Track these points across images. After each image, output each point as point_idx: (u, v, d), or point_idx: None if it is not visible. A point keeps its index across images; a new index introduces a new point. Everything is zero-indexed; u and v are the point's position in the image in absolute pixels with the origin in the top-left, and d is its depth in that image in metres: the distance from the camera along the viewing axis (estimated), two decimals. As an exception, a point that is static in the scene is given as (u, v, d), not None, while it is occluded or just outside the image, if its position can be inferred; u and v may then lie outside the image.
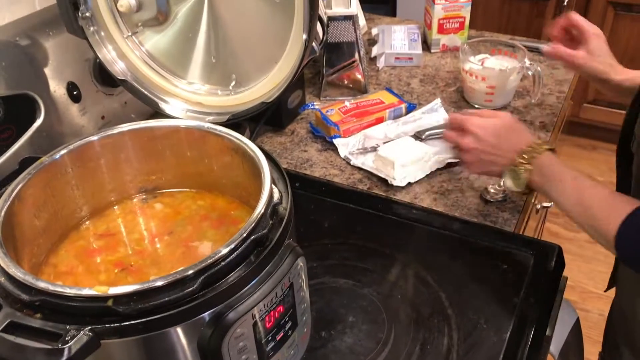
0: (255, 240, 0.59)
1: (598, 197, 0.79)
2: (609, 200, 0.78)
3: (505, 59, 1.25)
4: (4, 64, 0.79)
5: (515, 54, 1.24)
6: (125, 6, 0.75)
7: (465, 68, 1.20)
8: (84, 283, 0.66)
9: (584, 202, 0.79)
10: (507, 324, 0.80)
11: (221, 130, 0.71)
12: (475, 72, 1.19)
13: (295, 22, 0.70)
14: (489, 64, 1.23)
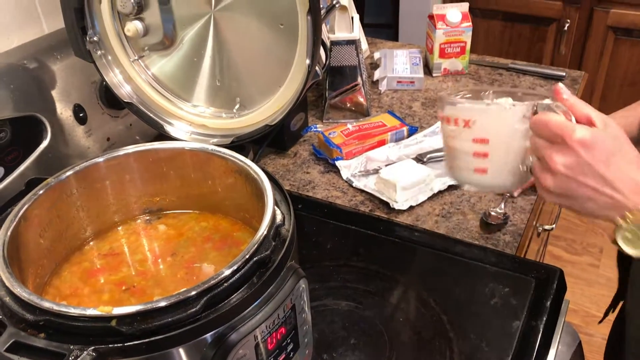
0: (258, 261, 0.59)
1: None
2: None
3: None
4: (12, 87, 0.81)
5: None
6: (133, 31, 0.77)
7: (444, 112, 0.72)
8: (86, 303, 0.67)
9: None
10: (509, 347, 0.80)
11: (225, 152, 0.72)
12: (456, 114, 0.70)
13: (299, 47, 0.71)
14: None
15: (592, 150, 0.62)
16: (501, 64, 1.47)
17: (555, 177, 0.65)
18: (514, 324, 0.83)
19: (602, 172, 0.63)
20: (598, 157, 0.62)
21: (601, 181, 0.63)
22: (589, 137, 0.62)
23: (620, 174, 0.63)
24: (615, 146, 0.63)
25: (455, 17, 1.36)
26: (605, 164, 0.62)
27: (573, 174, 0.63)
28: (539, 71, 1.41)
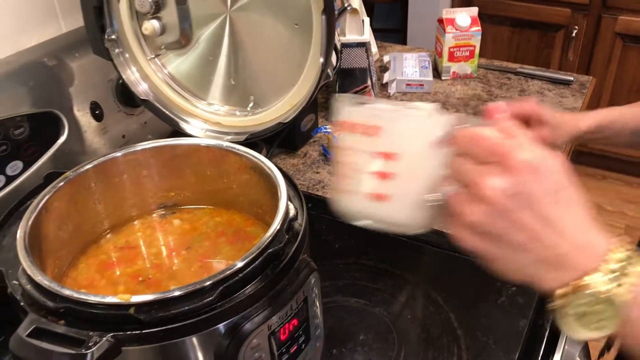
0: (272, 253, 0.61)
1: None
2: None
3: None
4: (32, 84, 0.83)
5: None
6: (150, 30, 0.79)
7: (344, 116, 0.57)
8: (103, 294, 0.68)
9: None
10: (516, 345, 0.81)
11: (240, 148, 0.74)
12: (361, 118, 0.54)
13: (312, 46, 0.73)
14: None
15: (540, 177, 0.45)
16: (510, 68, 1.48)
17: (483, 209, 0.45)
18: (521, 322, 0.84)
19: (548, 210, 0.45)
20: (546, 188, 0.45)
21: (546, 224, 0.45)
22: (538, 160, 0.45)
23: (571, 220, 0.46)
24: (564, 182, 0.46)
25: (464, 21, 1.37)
26: (554, 199, 0.45)
27: (510, 206, 0.45)
28: (547, 75, 1.42)
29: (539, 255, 0.46)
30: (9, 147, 0.79)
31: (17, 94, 0.81)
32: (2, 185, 0.79)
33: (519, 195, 0.45)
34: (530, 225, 0.45)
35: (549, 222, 0.45)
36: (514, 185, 0.45)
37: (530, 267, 0.47)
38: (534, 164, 0.45)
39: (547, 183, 0.45)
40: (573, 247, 0.46)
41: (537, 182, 0.45)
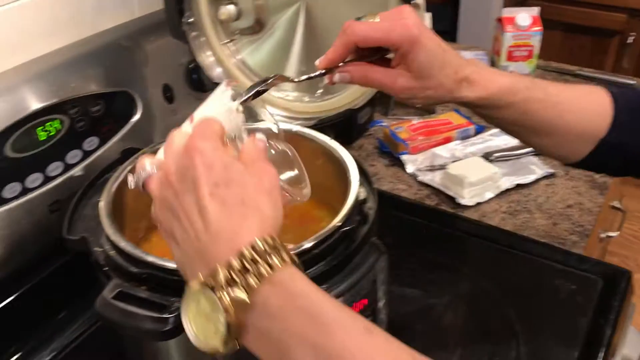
0: (345, 233, 0.62)
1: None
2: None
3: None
4: (108, 64, 0.86)
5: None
6: (226, 14, 0.81)
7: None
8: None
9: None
10: (576, 343, 0.80)
11: (309, 132, 0.75)
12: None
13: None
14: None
15: (206, 167, 0.45)
16: (568, 70, 1.46)
17: (158, 185, 0.49)
18: (581, 321, 0.83)
19: (205, 202, 0.44)
20: (209, 178, 0.45)
21: (200, 213, 0.44)
22: (208, 152, 0.46)
23: (224, 214, 0.44)
24: (229, 176, 0.45)
25: (525, 20, 1.36)
26: (212, 190, 0.44)
27: (177, 187, 0.46)
28: (607, 79, 1.40)
29: (190, 244, 0.45)
30: (86, 124, 0.83)
31: (95, 73, 0.84)
32: (79, 159, 0.82)
33: (185, 178, 0.46)
34: (188, 211, 0.45)
35: (203, 211, 0.44)
36: (180, 169, 0.46)
37: (184, 257, 0.47)
38: (204, 154, 0.45)
39: (211, 173, 0.45)
40: (212, 240, 0.44)
41: (203, 169, 0.45)
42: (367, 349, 0.40)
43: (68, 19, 0.89)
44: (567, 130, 0.68)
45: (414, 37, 0.58)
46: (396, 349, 0.41)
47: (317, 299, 0.42)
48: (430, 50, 0.60)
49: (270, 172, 0.48)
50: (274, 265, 0.41)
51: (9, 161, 0.75)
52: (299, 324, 0.40)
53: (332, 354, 0.39)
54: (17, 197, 0.76)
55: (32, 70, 0.81)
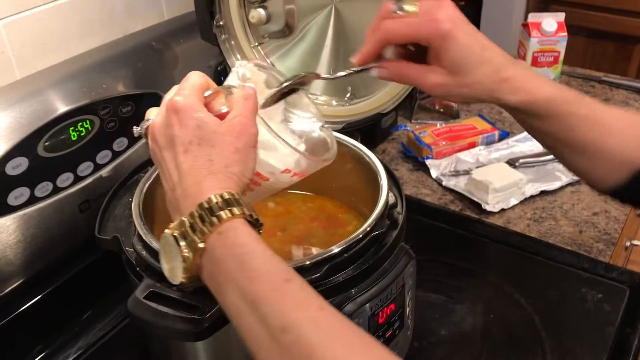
0: (375, 237, 0.62)
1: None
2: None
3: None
4: (140, 65, 0.87)
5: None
6: (256, 18, 0.81)
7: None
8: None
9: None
10: (603, 352, 0.79)
11: (339, 136, 0.75)
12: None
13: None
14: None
15: (181, 125, 0.50)
16: (593, 76, 1.45)
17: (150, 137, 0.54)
18: (608, 330, 0.82)
19: (180, 157, 0.50)
20: (184, 135, 0.50)
21: (175, 167, 0.51)
22: (184, 109, 0.50)
23: (194, 170, 0.49)
24: (202, 135, 0.50)
25: (550, 26, 1.35)
26: (186, 148, 0.50)
27: (160, 141, 0.52)
28: (633, 85, 1.39)
29: (171, 194, 0.52)
30: (117, 124, 0.83)
31: (125, 74, 0.85)
32: (109, 160, 0.83)
33: (165, 135, 0.51)
34: (168, 165, 0.51)
35: (178, 166, 0.50)
36: (163, 125, 0.52)
37: (169, 203, 0.53)
38: (180, 107, 0.50)
39: (185, 131, 0.50)
40: (183, 193, 0.50)
41: (179, 127, 0.50)
42: (279, 294, 0.45)
43: (99, 20, 0.91)
44: (604, 153, 0.63)
45: (444, 32, 0.56)
46: (305, 296, 0.46)
47: (252, 250, 0.47)
48: (464, 46, 0.56)
49: (248, 130, 0.51)
50: (223, 218, 0.47)
51: (41, 161, 0.76)
52: (232, 269, 0.46)
53: (252, 297, 0.45)
54: (49, 196, 0.78)
55: (64, 71, 0.82)
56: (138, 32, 0.93)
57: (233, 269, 0.46)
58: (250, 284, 0.45)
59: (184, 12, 1.01)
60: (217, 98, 0.54)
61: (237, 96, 0.53)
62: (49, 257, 0.81)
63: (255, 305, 0.45)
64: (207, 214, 0.47)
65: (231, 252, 0.46)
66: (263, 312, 0.44)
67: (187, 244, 0.47)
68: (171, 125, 0.50)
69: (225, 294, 0.47)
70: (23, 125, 0.74)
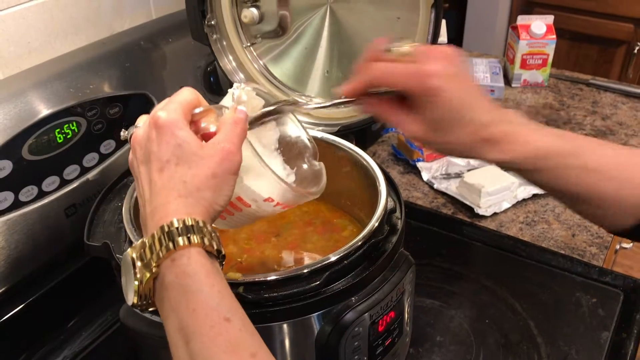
0: (374, 244, 0.60)
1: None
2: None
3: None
4: (128, 65, 0.84)
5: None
6: (249, 17, 0.79)
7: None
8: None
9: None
10: (599, 356, 0.79)
11: (335, 139, 0.74)
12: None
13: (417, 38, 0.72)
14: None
15: (160, 143, 0.48)
16: (581, 79, 1.46)
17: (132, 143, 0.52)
18: (603, 334, 0.82)
19: (154, 175, 0.49)
20: (161, 153, 0.48)
21: (149, 183, 0.49)
22: (165, 120, 0.48)
23: (166, 190, 0.48)
24: (180, 155, 0.48)
25: (539, 28, 1.35)
26: (161, 165, 0.48)
27: (138, 154, 0.50)
28: (621, 89, 1.39)
29: (143, 209, 0.50)
30: (104, 126, 0.81)
31: (114, 74, 0.83)
32: (96, 162, 0.81)
33: (144, 149, 0.50)
34: (142, 180, 0.50)
35: (151, 183, 0.49)
36: (144, 138, 0.50)
37: (142, 219, 0.51)
38: (162, 123, 0.48)
39: (164, 149, 0.48)
40: (151, 212, 0.48)
41: (158, 144, 0.48)
42: (214, 333, 0.43)
43: (85, 19, 0.88)
44: (605, 201, 0.59)
45: (430, 89, 0.53)
46: (240, 339, 0.44)
47: (199, 282, 0.45)
48: (450, 106, 0.53)
49: (231, 157, 0.49)
50: (179, 244, 0.45)
51: (26, 164, 0.73)
52: (177, 299, 0.45)
53: (188, 331, 0.44)
54: (34, 200, 0.75)
55: (49, 71, 0.80)
56: (125, 31, 0.91)
57: (177, 298, 0.45)
58: (189, 317, 0.44)
59: (173, 11, 0.99)
60: (207, 116, 0.52)
61: (226, 118, 0.51)
62: (33, 263, 0.78)
63: (189, 340, 0.43)
64: (165, 237, 0.45)
65: (179, 282, 0.45)
66: (193, 349, 0.43)
67: (142, 265, 0.46)
68: (151, 140, 0.49)
69: (167, 322, 0.45)
70: (7, 127, 0.71)
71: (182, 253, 0.45)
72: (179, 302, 0.44)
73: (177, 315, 0.44)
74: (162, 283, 0.45)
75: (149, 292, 0.46)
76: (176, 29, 0.92)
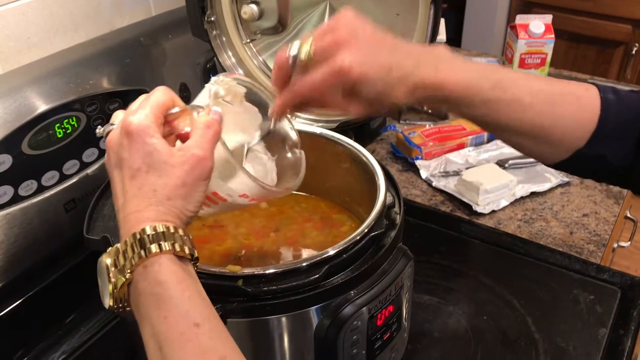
0: (374, 237, 0.61)
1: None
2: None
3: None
4: (128, 61, 0.84)
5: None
6: (249, 14, 0.80)
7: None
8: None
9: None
10: (596, 353, 0.79)
11: (334, 135, 0.74)
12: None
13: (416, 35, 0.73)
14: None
15: (132, 149, 0.48)
16: (580, 78, 1.46)
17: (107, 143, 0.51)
18: (601, 331, 0.82)
19: (126, 180, 0.49)
20: (133, 160, 0.48)
21: (122, 189, 0.49)
22: (135, 126, 0.47)
23: (138, 196, 0.48)
24: (149, 162, 0.48)
25: (538, 28, 1.36)
26: (133, 173, 0.48)
27: (112, 158, 0.50)
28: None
29: (117, 214, 0.50)
30: (104, 122, 0.81)
31: (113, 70, 0.83)
32: (95, 158, 0.81)
33: (117, 154, 0.49)
34: (116, 185, 0.50)
35: (123, 190, 0.49)
36: (116, 144, 0.49)
37: (118, 223, 0.50)
38: (133, 129, 0.48)
39: (135, 157, 0.48)
40: (124, 219, 0.48)
41: (129, 151, 0.48)
42: (184, 339, 0.44)
43: (84, 15, 0.88)
44: (540, 135, 0.62)
45: (355, 81, 0.55)
46: (210, 345, 0.45)
47: (169, 290, 0.45)
48: (374, 81, 0.55)
49: (202, 164, 0.49)
50: (151, 252, 0.46)
51: (26, 158, 0.73)
52: (149, 306, 0.46)
53: (160, 337, 0.44)
54: (33, 195, 0.75)
55: (49, 66, 0.80)
56: (125, 27, 0.91)
57: (149, 305, 0.46)
58: (161, 324, 0.45)
59: (172, 7, 0.99)
60: (182, 117, 0.51)
61: (199, 122, 0.50)
62: (32, 258, 0.78)
63: (161, 346, 0.44)
64: (137, 244, 0.46)
65: (150, 289, 0.46)
66: (166, 354, 0.44)
67: (116, 271, 0.47)
68: (123, 147, 0.49)
69: (141, 327, 0.46)
70: (7, 121, 0.72)
71: (154, 260, 0.46)
72: (151, 309, 0.45)
73: (150, 322, 0.45)
74: (136, 289, 0.46)
75: (125, 296, 0.47)
76: (176, 25, 0.93)
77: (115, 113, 0.54)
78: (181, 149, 0.49)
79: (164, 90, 0.51)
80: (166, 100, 0.51)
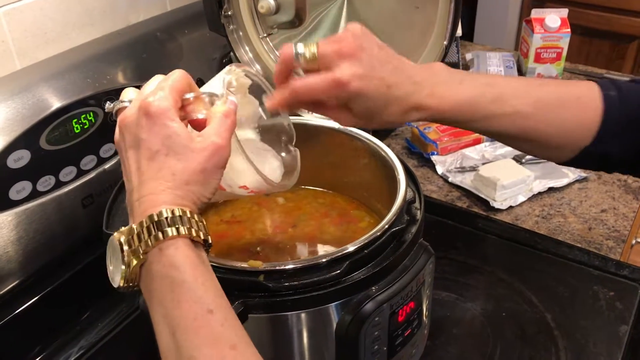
0: (394, 233, 0.60)
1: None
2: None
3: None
4: (144, 56, 0.84)
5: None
6: (266, 7, 0.79)
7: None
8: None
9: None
10: (618, 350, 0.78)
11: (352, 130, 0.73)
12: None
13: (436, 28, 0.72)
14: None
15: (151, 131, 0.47)
16: (595, 73, 1.45)
17: (120, 121, 0.51)
18: (622, 328, 0.81)
19: (143, 162, 0.48)
20: (151, 142, 0.47)
21: (138, 169, 0.48)
22: (156, 108, 0.47)
23: (156, 178, 0.47)
24: (168, 145, 0.47)
25: (554, 22, 1.34)
26: (151, 154, 0.48)
27: (127, 137, 0.49)
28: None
29: (129, 195, 0.50)
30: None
31: (130, 65, 0.83)
32: (113, 153, 0.81)
33: (133, 135, 0.48)
34: (130, 165, 0.49)
35: (139, 171, 0.48)
36: (133, 123, 0.48)
37: (128, 203, 0.50)
38: (152, 111, 0.47)
39: (154, 138, 0.47)
40: (139, 200, 0.48)
41: (148, 132, 0.48)
42: (197, 325, 0.44)
43: (100, 11, 0.88)
44: (544, 140, 0.63)
45: (351, 94, 0.56)
46: (222, 332, 0.45)
47: (184, 274, 0.45)
48: (373, 98, 0.57)
49: (221, 152, 0.49)
50: (168, 235, 0.45)
51: (44, 154, 0.74)
52: (162, 289, 0.45)
53: (173, 321, 0.44)
54: (51, 190, 0.75)
55: (67, 61, 0.80)
56: (141, 22, 0.91)
57: (163, 288, 0.45)
58: (174, 309, 0.45)
59: (188, 2, 0.99)
60: (196, 102, 0.51)
61: (217, 111, 0.50)
62: (50, 253, 0.78)
63: (174, 330, 0.44)
64: (154, 227, 0.45)
65: (165, 271, 0.45)
66: (178, 339, 0.44)
67: (130, 251, 0.46)
68: (141, 127, 0.48)
69: (153, 310, 0.46)
70: (25, 117, 0.72)
71: (170, 243, 0.45)
72: (165, 292, 0.45)
73: (162, 306, 0.45)
74: (149, 271, 0.46)
75: (135, 277, 0.47)
76: (192, 20, 0.92)
77: (125, 90, 0.53)
78: (201, 135, 0.49)
79: (182, 74, 0.51)
80: (184, 84, 0.51)
